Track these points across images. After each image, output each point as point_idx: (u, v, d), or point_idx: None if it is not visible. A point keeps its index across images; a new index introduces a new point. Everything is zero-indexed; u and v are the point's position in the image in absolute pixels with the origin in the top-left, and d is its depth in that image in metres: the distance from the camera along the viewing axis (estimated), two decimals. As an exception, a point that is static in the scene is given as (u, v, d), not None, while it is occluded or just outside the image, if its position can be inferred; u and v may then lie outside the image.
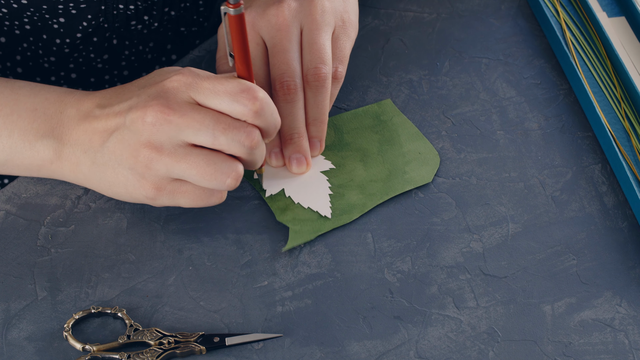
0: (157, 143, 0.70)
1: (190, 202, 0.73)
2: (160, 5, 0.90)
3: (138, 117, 0.70)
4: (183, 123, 0.70)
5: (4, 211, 0.79)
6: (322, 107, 0.79)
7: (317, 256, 0.77)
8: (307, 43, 0.79)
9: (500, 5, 0.95)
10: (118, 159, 0.72)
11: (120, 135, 0.71)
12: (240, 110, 0.70)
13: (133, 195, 0.73)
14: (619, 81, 0.88)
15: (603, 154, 0.84)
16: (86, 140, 0.73)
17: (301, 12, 0.79)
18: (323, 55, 0.78)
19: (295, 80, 0.78)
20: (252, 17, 0.79)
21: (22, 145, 0.74)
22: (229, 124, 0.70)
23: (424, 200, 0.81)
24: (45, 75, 0.92)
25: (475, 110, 0.87)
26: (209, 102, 0.71)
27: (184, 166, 0.71)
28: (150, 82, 0.73)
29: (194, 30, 0.96)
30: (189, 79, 0.71)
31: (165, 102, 0.70)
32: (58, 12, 0.85)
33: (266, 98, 0.71)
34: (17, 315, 0.74)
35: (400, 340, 0.74)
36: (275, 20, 0.78)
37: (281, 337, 0.74)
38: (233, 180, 0.71)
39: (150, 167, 0.71)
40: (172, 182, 0.72)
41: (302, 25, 0.79)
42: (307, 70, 0.78)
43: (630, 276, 0.77)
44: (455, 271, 0.77)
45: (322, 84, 0.78)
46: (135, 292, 0.75)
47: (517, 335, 0.74)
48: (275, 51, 0.78)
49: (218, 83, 0.71)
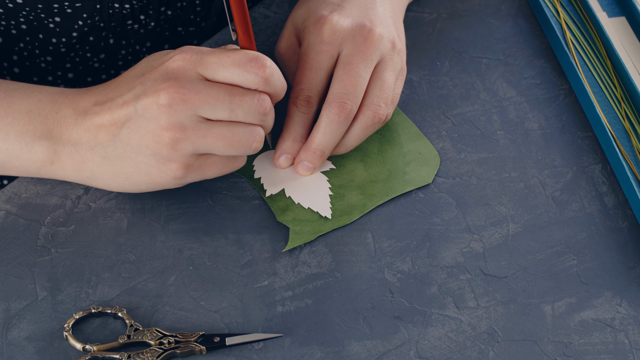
0: (178, 123, 0.71)
1: (217, 172, 0.75)
2: (156, 4, 0.89)
3: (151, 102, 0.71)
4: (199, 100, 0.71)
5: (4, 211, 0.79)
6: (359, 140, 0.81)
7: (318, 256, 0.77)
8: (379, 78, 0.79)
9: (500, 5, 0.95)
10: (135, 148, 0.72)
11: (134, 125, 0.72)
12: (251, 79, 0.72)
13: (157, 181, 0.74)
14: (619, 81, 0.88)
15: (603, 154, 0.84)
16: (91, 138, 0.73)
17: (385, 47, 0.80)
18: (389, 97, 0.80)
19: (353, 106, 0.78)
20: (341, 28, 0.80)
21: (18, 147, 0.74)
22: (243, 95, 0.72)
23: (424, 200, 0.81)
24: (42, 75, 0.92)
25: (475, 110, 0.87)
26: (218, 75, 0.72)
27: (210, 140, 0.72)
28: (148, 68, 0.73)
29: (191, 31, 0.96)
30: (193, 55, 0.72)
31: (176, 83, 0.71)
32: (53, 11, 0.85)
33: (273, 65, 0.73)
34: (17, 315, 0.74)
35: (401, 340, 0.74)
36: (362, 42, 0.79)
37: (281, 337, 0.74)
38: (258, 144, 0.74)
39: (177, 148, 0.72)
40: (199, 158, 0.74)
41: (381, 59, 0.80)
42: (370, 105, 0.79)
43: (630, 276, 0.77)
44: (456, 271, 0.77)
45: (376, 123, 0.80)
46: (136, 292, 0.75)
47: (517, 335, 0.74)
48: (348, 70, 0.78)
49: (225, 56, 0.72)
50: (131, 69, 0.75)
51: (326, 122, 0.78)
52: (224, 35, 0.91)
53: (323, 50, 0.79)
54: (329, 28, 0.80)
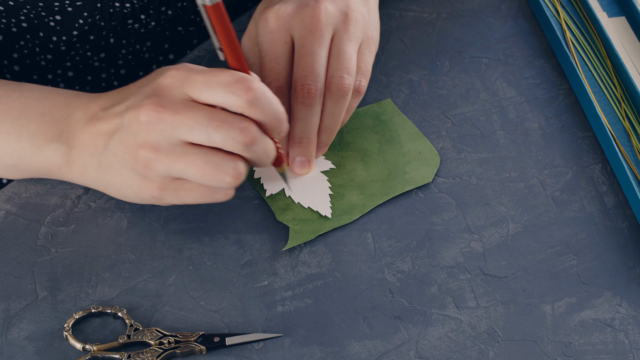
0: (154, 142, 0.69)
1: (195, 199, 0.72)
2: (157, 4, 0.89)
3: (133, 117, 0.69)
4: (177, 121, 0.68)
5: (4, 211, 0.79)
6: (337, 117, 0.79)
7: (317, 256, 0.77)
8: (336, 51, 0.78)
9: (500, 5, 0.95)
10: (120, 160, 0.71)
11: (120, 137, 0.71)
12: (234, 101, 0.68)
13: (140, 196, 0.73)
14: (619, 81, 0.88)
15: (603, 154, 0.84)
16: (91, 144, 0.73)
17: (336, 18, 0.78)
18: (350, 66, 0.77)
19: (317, 85, 0.77)
20: (285, 14, 0.78)
21: (30, 149, 0.74)
22: (223, 120, 0.69)
23: (424, 200, 0.81)
24: (42, 74, 0.92)
25: (475, 110, 0.87)
26: (203, 95, 0.69)
27: (182, 165, 0.69)
28: (148, 80, 0.72)
29: (191, 30, 0.96)
30: (182, 73, 0.70)
31: (158, 101, 0.69)
32: (54, 9, 0.85)
33: (261, 88, 0.69)
34: (17, 315, 0.74)
35: (401, 340, 0.74)
36: (309, 20, 0.77)
37: (281, 337, 0.74)
38: (232, 179, 0.70)
39: (150, 168, 0.70)
40: (174, 181, 0.71)
41: (334, 32, 0.78)
42: (332, 78, 0.77)
43: (630, 276, 0.77)
44: (456, 271, 0.77)
45: (344, 94, 0.77)
46: (136, 291, 0.75)
47: (517, 335, 0.74)
48: (303, 52, 0.77)
49: (212, 75, 0.69)
50: (142, 78, 0.74)
51: (297, 109, 0.77)
52: (224, 35, 0.91)
53: (274, 39, 0.78)
54: (273, 16, 0.78)
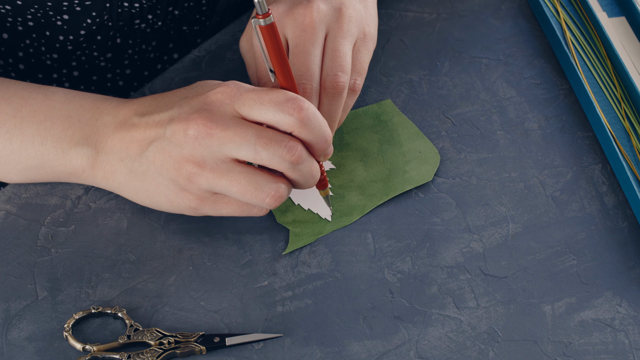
0: (199, 157, 0.70)
1: (232, 212, 0.74)
2: (164, 4, 0.90)
3: (180, 129, 0.70)
4: (225, 137, 0.69)
5: (4, 211, 0.79)
6: (334, 116, 0.78)
7: (317, 256, 0.78)
8: (330, 49, 0.77)
9: (500, 5, 0.95)
10: (158, 169, 0.72)
11: (160, 146, 0.71)
12: (285, 119, 0.70)
13: (175, 205, 0.73)
14: (619, 81, 0.88)
15: (603, 154, 0.84)
16: (123, 149, 0.73)
17: (329, 16, 0.78)
18: (344, 64, 0.77)
19: (312, 85, 0.76)
20: (277, 14, 0.78)
21: (54, 152, 0.74)
22: (271, 138, 0.69)
23: (424, 200, 0.81)
24: (47, 73, 0.92)
25: (475, 110, 0.87)
26: (253, 113, 0.70)
27: (225, 183, 0.70)
28: (192, 93, 0.73)
29: (195, 29, 0.96)
30: (233, 90, 0.71)
31: (208, 116, 0.70)
32: (62, 9, 0.85)
33: (312, 109, 0.70)
34: (17, 315, 0.74)
35: (401, 340, 0.74)
36: (302, 20, 0.77)
37: (281, 337, 0.74)
38: (272, 200, 0.71)
39: (193, 181, 0.71)
40: (214, 194, 0.72)
41: (327, 30, 0.78)
42: (326, 77, 0.77)
43: (630, 276, 0.77)
44: (456, 271, 0.77)
45: (339, 93, 0.77)
46: (136, 292, 0.75)
47: (517, 335, 0.74)
48: (297, 52, 0.77)
49: (263, 93, 0.70)
50: (182, 88, 0.74)
51: None
52: (224, 36, 0.91)
53: None
54: None
